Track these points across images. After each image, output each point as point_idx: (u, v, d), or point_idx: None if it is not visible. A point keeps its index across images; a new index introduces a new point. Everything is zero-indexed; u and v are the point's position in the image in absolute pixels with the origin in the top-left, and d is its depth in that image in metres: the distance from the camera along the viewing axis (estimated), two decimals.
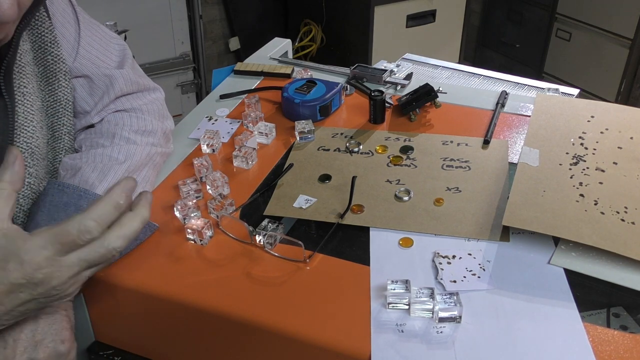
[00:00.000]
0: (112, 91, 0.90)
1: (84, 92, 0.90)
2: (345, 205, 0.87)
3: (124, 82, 0.91)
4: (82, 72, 0.89)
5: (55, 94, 0.85)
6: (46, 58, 0.84)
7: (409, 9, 2.76)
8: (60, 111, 0.86)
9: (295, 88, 1.10)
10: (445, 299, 0.69)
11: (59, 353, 0.71)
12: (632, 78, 2.76)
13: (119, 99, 0.92)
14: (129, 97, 0.93)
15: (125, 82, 0.91)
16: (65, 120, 0.86)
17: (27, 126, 0.79)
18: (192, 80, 2.85)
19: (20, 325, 0.69)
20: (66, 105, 0.86)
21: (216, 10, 3.01)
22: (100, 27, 0.94)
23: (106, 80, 0.90)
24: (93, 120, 0.90)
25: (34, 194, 0.79)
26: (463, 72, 1.34)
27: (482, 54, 3.52)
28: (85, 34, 0.90)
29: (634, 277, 0.74)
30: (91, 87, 0.90)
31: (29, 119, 0.80)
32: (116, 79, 0.90)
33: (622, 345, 0.66)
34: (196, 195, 0.89)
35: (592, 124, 1.01)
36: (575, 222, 0.79)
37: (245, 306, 0.72)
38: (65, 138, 0.86)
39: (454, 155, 0.97)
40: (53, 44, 0.84)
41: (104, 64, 0.91)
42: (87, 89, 0.90)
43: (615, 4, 2.69)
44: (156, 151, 0.91)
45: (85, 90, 0.90)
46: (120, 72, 0.91)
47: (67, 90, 0.86)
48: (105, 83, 0.90)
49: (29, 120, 0.80)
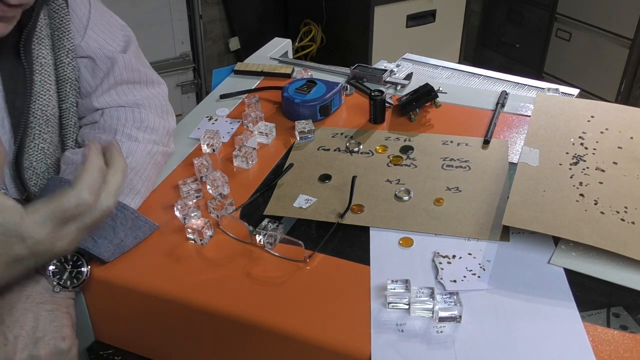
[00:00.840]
0: (112, 74, 0.91)
1: (87, 73, 0.92)
2: (345, 205, 0.87)
3: (124, 66, 0.92)
4: (86, 53, 0.91)
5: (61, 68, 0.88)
6: (54, 34, 0.87)
7: (409, 9, 2.76)
8: (64, 87, 0.89)
9: (296, 88, 1.10)
10: (445, 299, 0.69)
11: (60, 350, 0.71)
12: (632, 78, 2.76)
13: (120, 86, 0.92)
14: (130, 87, 0.94)
15: (125, 66, 0.93)
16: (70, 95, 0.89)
17: (43, 94, 0.84)
18: (192, 80, 2.85)
19: (21, 322, 0.69)
20: (70, 82, 0.89)
21: (216, 10, 3.01)
22: (110, 14, 0.97)
23: (108, 62, 0.92)
24: (95, 104, 0.91)
25: (47, 158, 0.84)
26: (463, 72, 1.34)
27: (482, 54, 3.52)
28: (95, 16, 0.92)
29: (634, 277, 0.74)
30: (93, 69, 0.92)
31: (45, 87, 0.84)
32: (117, 62, 0.92)
33: (622, 345, 0.66)
34: (196, 195, 0.89)
35: (592, 124, 1.01)
36: (575, 222, 0.79)
37: (245, 306, 0.72)
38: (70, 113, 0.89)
39: (454, 155, 0.97)
40: (63, 20, 0.87)
41: (108, 46, 0.93)
42: (90, 70, 0.92)
43: (615, 4, 2.69)
44: (158, 150, 0.91)
45: (89, 71, 0.92)
46: (122, 56, 0.93)
47: (69, 68, 0.89)
48: (107, 65, 0.92)
49: (45, 89, 0.84)
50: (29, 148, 0.83)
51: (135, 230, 0.80)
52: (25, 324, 0.70)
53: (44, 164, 0.84)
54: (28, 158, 0.83)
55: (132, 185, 0.85)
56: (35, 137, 0.84)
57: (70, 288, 0.75)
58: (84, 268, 0.77)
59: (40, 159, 0.84)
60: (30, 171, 0.83)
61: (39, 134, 0.84)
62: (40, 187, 0.84)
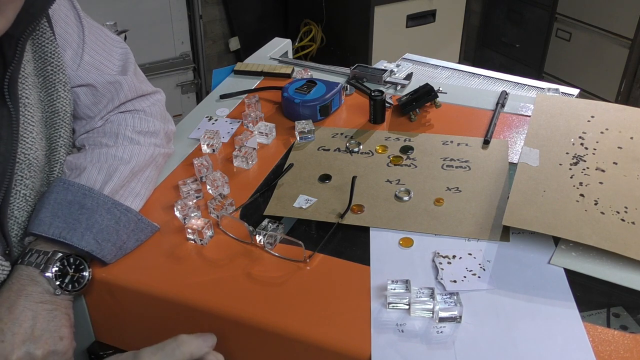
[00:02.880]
0: (116, 99, 0.90)
1: (88, 101, 0.89)
2: (345, 205, 0.87)
3: (128, 89, 0.91)
4: (86, 81, 0.88)
5: (54, 105, 0.85)
6: (46, 68, 0.83)
7: (409, 9, 2.76)
8: (58, 122, 0.85)
9: (295, 88, 1.10)
10: (445, 299, 0.69)
11: (57, 350, 0.71)
12: (632, 78, 2.76)
13: (124, 104, 0.92)
14: (132, 102, 0.93)
15: (129, 89, 0.91)
16: (62, 132, 0.86)
17: (26, 137, 0.79)
18: (192, 80, 2.85)
19: (20, 320, 0.69)
20: (64, 116, 0.86)
21: (216, 10, 3.01)
22: (103, 31, 0.93)
23: (111, 88, 0.89)
24: (96, 125, 0.90)
25: (29, 206, 0.79)
26: (463, 72, 1.34)
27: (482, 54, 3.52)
28: (90, 39, 0.89)
29: (634, 277, 0.74)
30: (95, 96, 0.89)
31: (29, 129, 0.79)
32: (121, 87, 0.90)
33: (622, 345, 0.66)
34: (196, 195, 0.89)
35: (592, 124, 1.01)
36: (575, 222, 0.79)
37: (245, 306, 0.72)
38: (61, 151, 0.85)
39: (454, 155, 0.97)
40: (54, 54, 0.84)
41: (107, 69, 0.91)
42: (92, 97, 0.89)
43: (615, 4, 2.69)
44: (159, 152, 0.91)
45: (89, 99, 0.89)
46: (124, 78, 0.91)
47: (65, 102, 0.86)
48: (110, 91, 0.89)
49: (28, 131, 0.79)
50: (12, 196, 0.77)
51: (138, 232, 0.80)
52: (24, 322, 0.70)
53: (26, 212, 0.78)
54: (10, 207, 0.76)
55: (133, 188, 0.85)
56: (17, 184, 0.77)
57: (72, 291, 0.75)
58: (86, 272, 0.76)
59: (22, 207, 0.78)
60: (12, 221, 0.77)
61: (21, 180, 0.78)
62: (20, 238, 0.78)
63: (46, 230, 0.75)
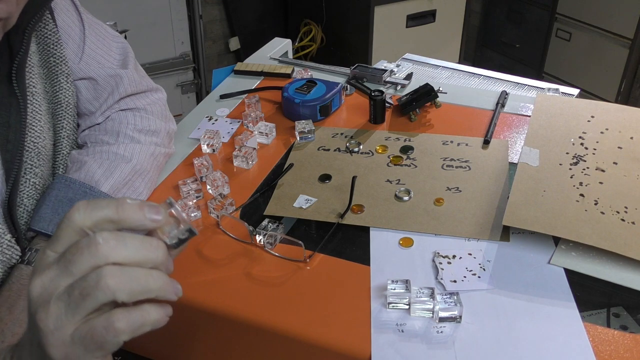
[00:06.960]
0: (117, 92, 0.90)
1: (89, 95, 0.89)
2: (345, 205, 0.87)
3: (128, 82, 0.91)
4: (87, 74, 0.89)
5: (57, 96, 0.85)
6: (49, 60, 0.84)
7: (409, 9, 2.76)
8: (61, 114, 0.86)
9: (296, 88, 1.10)
10: (445, 299, 0.69)
11: None
12: (632, 78, 2.76)
13: (124, 99, 0.92)
14: (132, 97, 0.93)
15: (130, 82, 0.91)
16: (65, 123, 0.86)
17: (34, 126, 0.80)
18: (192, 80, 2.85)
19: (20, 321, 0.69)
20: (67, 108, 0.86)
21: (216, 10, 3.01)
22: (102, 26, 0.94)
23: (111, 81, 0.90)
24: (97, 121, 0.90)
25: (38, 194, 0.80)
26: (463, 72, 1.34)
27: (482, 54, 3.52)
28: (90, 33, 0.90)
29: (634, 277, 0.74)
30: (96, 90, 0.90)
31: (37, 118, 0.80)
32: (122, 80, 0.90)
33: (622, 345, 0.66)
34: (196, 195, 0.89)
35: (592, 124, 1.01)
36: (576, 222, 0.79)
37: (245, 306, 0.72)
38: (64, 142, 0.86)
39: (454, 155, 0.97)
40: (56, 45, 0.84)
41: (108, 63, 0.91)
42: (93, 91, 0.89)
43: (615, 4, 2.69)
44: (160, 151, 0.91)
45: (91, 92, 0.89)
46: (125, 72, 0.91)
47: (68, 93, 0.86)
48: (111, 84, 0.90)
49: (37, 120, 0.80)
50: (21, 184, 0.77)
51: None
52: (24, 323, 0.70)
53: (34, 200, 0.79)
54: (20, 195, 0.77)
55: (137, 187, 0.85)
56: (27, 172, 0.78)
57: None
58: None
59: (31, 195, 0.78)
60: (22, 209, 0.77)
61: (31, 169, 0.78)
62: (29, 227, 0.78)
63: (46, 227, 0.75)
